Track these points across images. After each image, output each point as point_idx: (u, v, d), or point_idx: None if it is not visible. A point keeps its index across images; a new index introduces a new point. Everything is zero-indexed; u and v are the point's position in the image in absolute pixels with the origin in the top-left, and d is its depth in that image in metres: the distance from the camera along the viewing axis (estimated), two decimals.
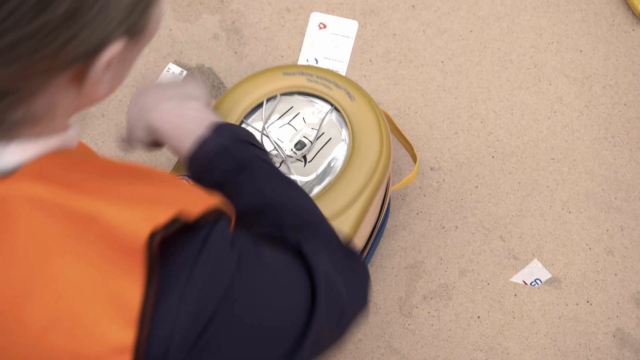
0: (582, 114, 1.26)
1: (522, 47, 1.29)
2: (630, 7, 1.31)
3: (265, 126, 1.06)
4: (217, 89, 1.26)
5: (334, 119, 1.07)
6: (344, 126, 1.07)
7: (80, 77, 0.63)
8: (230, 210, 0.70)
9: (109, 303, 0.60)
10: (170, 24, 1.30)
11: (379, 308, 1.15)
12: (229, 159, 0.83)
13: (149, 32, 0.65)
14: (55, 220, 0.61)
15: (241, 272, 0.66)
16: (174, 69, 1.27)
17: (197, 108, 0.89)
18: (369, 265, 1.16)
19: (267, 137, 1.05)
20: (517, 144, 1.24)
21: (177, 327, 0.61)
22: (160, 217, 0.62)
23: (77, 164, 0.67)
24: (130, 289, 0.60)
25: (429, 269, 1.17)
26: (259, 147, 0.86)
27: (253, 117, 1.10)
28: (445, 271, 1.17)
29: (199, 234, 0.64)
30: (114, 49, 0.62)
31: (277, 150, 1.04)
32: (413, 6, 1.31)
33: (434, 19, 1.31)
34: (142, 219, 0.62)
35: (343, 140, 1.05)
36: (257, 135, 1.07)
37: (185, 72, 1.26)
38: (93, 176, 0.66)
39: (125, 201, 0.63)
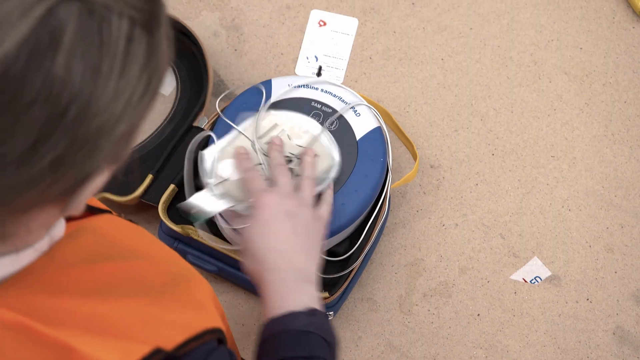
0: (582, 112, 1.26)
1: (522, 45, 1.29)
2: (630, 5, 1.31)
3: (257, 140, 1.06)
4: (217, 87, 1.26)
5: (322, 140, 1.08)
6: (333, 145, 1.08)
7: (63, 204, 0.59)
8: (221, 318, 0.69)
9: None
10: None
11: (379, 306, 1.15)
12: (304, 347, 0.83)
13: (129, 151, 0.62)
14: (32, 347, 0.59)
15: None
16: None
17: (311, 271, 0.90)
18: (369, 263, 1.16)
19: (256, 152, 1.05)
20: (517, 141, 1.24)
21: None
22: (136, 353, 0.61)
23: (51, 281, 0.63)
24: None
25: (428, 267, 1.17)
26: (334, 350, 0.86)
27: (243, 124, 1.09)
28: (445, 269, 1.17)
29: None
30: (98, 180, 0.59)
31: (262, 164, 1.04)
32: (413, 3, 1.31)
33: (433, 16, 1.31)
34: (117, 355, 0.60)
35: (332, 158, 1.07)
36: (249, 149, 1.06)
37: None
38: (68, 297, 0.63)
39: (100, 334, 0.61)
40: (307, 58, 1.29)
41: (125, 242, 0.71)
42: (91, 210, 0.74)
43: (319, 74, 1.27)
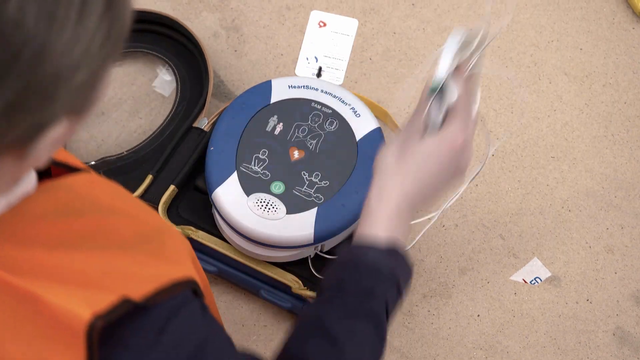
0: (582, 112, 1.26)
1: (522, 45, 1.29)
2: (630, 5, 1.31)
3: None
4: (217, 88, 1.26)
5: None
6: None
7: (20, 154, 0.59)
8: (200, 279, 0.68)
9: None
10: None
11: None
12: (367, 280, 0.80)
13: (94, 106, 0.61)
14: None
15: (205, 355, 0.65)
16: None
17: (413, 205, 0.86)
18: None
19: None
20: (517, 142, 1.24)
21: None
22: (102, 302, 0.60)
23: (20, 233, 0.63)
24: None
25: (428, 268, 1.17)
26: (400, 298, 0.83)
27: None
28: (445, 270, 1.17)
29: (152, 315, 0.63)
30: (57, 130, 0.58)
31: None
32: (413, 4, 1.31)
33: (434, 17, 1.31)
34: (82, 304, 0.59)
35: None
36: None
37: None
38: (37, 248, 0.62)
39: (67, 284, 0.60)
40: (307, 59, 1.29)
41: (101, 199, 0.70)
42: (69, 170, 0.73)
43: (319, 75, 1.27)
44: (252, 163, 1.08)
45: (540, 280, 1.17)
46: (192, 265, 0.71)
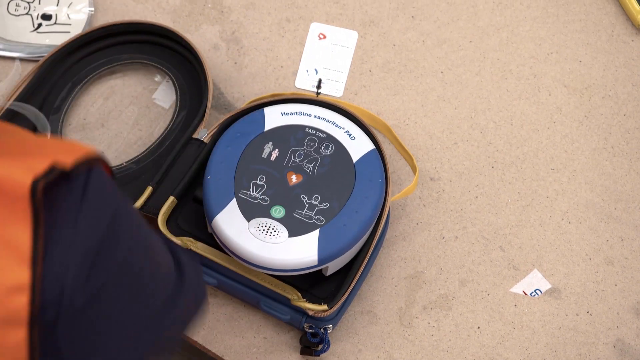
0: (582, 124, 1.26)
1: (521, 58, 1.30)
2: (629, 18, 1.31)
3: None
4: (217, 99, 1.26)
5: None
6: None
7: None
8: (104, 157, 0.77)
9: (2, 248, 0.66)
10: None
11: (379, 318, 1.15)
12: None
13: None
14: None
15: (120, 218, 0.73)
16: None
17: None
18: (368, 276, 1.16)
19: None
20: (516, 154, 1.24)
21: (68, 264, 0.68)
22: (38, 166, 0.68)
23: None
24: (20, 232, 0.66)
25: (428, 279, 1.17)
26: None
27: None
28: (445, 281, 1.17)
29: (76, 181, 0.70)
30: None
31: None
32: (412, 17, 1.32)
33: (433, 29, 1.31)
34: (22, 170, 0.67)
35: None
36: None
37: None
38: None
39: (3, 155, 0.69)
40: (307, 71, 1.29)
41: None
42: None
43: (318, 87, 1.27)
44: (251, 189, 1.08)
45: (541, 292, 1.17)
46: None
